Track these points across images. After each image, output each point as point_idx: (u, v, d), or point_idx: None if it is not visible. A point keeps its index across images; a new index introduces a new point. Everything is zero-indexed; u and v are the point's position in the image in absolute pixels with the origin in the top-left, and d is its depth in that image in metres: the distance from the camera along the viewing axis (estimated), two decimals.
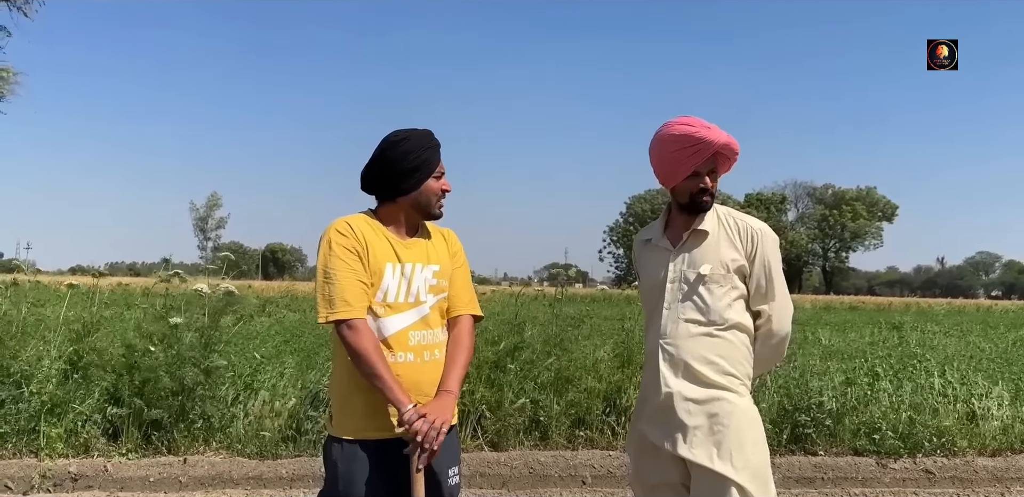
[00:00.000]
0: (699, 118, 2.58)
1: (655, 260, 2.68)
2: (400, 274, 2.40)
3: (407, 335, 2.38)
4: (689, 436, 2.46)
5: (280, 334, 10.46)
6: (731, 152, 2.58)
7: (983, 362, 8.91)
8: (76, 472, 4.76)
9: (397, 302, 2.39)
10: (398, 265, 2.40)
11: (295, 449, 5.05)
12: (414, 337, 2.39)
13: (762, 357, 2.62)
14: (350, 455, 2.34)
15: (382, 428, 2.33)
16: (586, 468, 5.09)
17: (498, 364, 5.48)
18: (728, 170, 2.67)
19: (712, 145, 2.51)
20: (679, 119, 2.59)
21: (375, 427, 2.34)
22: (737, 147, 2.58)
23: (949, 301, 49.76)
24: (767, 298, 2.56)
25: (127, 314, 5.93)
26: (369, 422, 2.34)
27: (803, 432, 5.46)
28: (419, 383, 2.37)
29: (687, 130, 2.52)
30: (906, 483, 5.18)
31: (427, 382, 2.40)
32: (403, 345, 2.37)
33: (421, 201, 2.44)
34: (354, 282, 2.31)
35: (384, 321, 2.36)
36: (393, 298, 2.38)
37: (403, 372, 2.34)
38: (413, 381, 2.35)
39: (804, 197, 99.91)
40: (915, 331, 15.09)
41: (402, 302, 2.39)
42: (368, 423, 2.34)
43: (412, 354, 2.37)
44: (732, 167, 2.66)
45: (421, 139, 2.44)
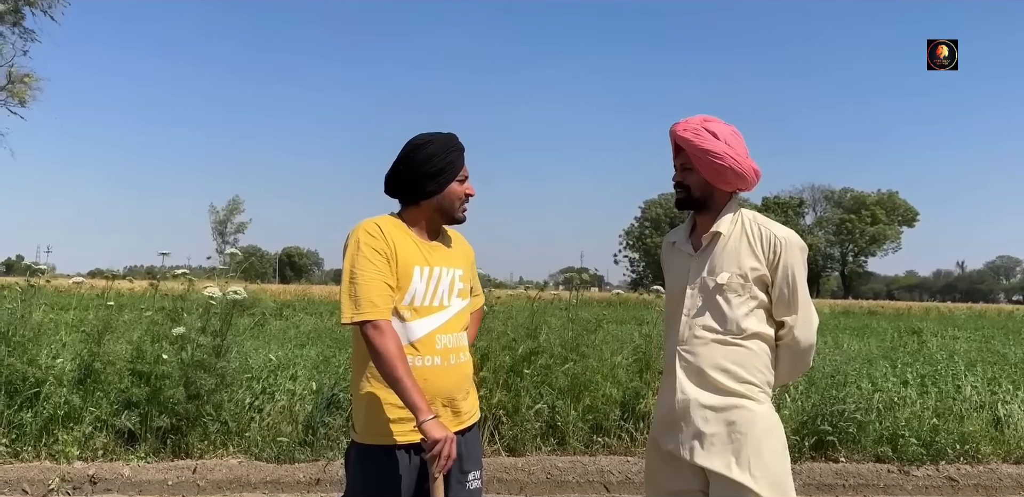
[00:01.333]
0: (705, 115, 2.57)
1: (678, 264, 2.66)
2: (428, 277, 2.39)
3: (434, 338, 2.37)
4: (707, 444, 2.42)
5: (296, 338, 10.51)
6: (683, 142, 2.51)
7: (1006, 368, 8.81)
8: (95, 476, 4.77)
9: (424, 305, 2.37)
10: (425, 268, 2.39)
11: (312, 454, 5.04)
12: (441, 341, 2.38)
13: (785, 368, 2.57)
14: (374, 460, 2.33)
15: (406, 433, 2.32)
16: (605, 474, 5.06)
17: (515, 369, 5.45)
18: (708, 168, 2.51)
19: (671, 134, 2.56)
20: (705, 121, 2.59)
21: (399, 432, 2.32)
22: (683, 135, 2.50)
23: (970, 306, 49.27)
24: (790, 309, 2.50)
25: (140, 317, 5.91)
26: (394, 427, 2.32)
27: (825, 439, 5.40)
28: (446, 387, 2.37)
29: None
30: (929, 491, 5.11)
31: (454, 386, 2.40)
32: (430, 349, 2.35)
33: (445, 205, 2.43)
34: (380, 283, 2.29)
35: (411, 325, 2.34)
36: (420, 301, 2.37)
37: (430, 376, 2.33)
38: (439, 385, 2.35)
39: (822, 201, 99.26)
40: (935, 336, 14.93)
41: (428, 305, 2.38)
42: (393, 428, 2.32)
43: (439, 358, 2.36)
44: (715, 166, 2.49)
45: (445, 142, 2.43)
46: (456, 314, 2.45)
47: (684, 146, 2.52)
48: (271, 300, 18.86)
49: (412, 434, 2.31)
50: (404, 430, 2.31)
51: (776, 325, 2.53)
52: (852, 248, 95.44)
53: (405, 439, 2.32)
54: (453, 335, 2.43)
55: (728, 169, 2.48)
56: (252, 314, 13.88)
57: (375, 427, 2.35)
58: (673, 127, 2.56)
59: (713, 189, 2.56)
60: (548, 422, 5.37)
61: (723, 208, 2.57)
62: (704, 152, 2.48)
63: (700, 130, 2.49)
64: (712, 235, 2.55)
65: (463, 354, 2.46)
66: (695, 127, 2.50)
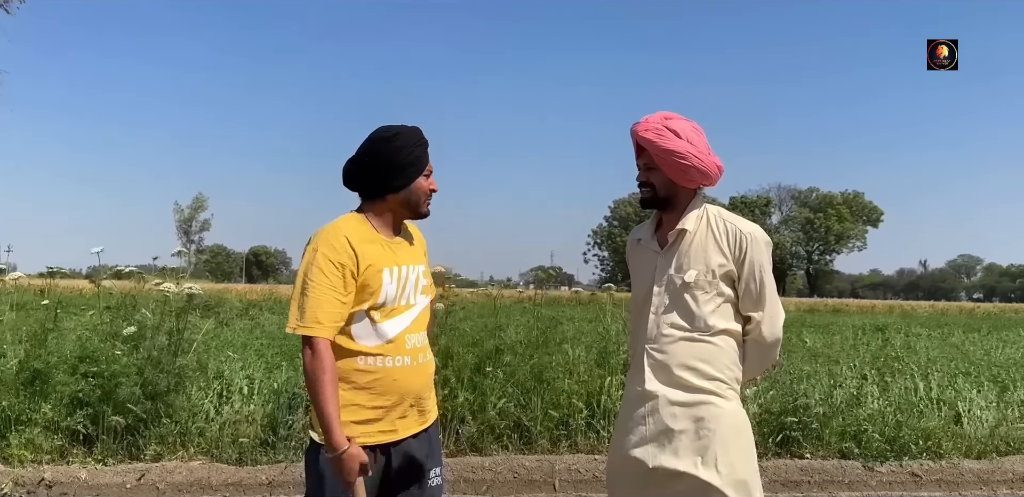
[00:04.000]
0: (665, 112, 2.55)
1: (644, 261, 2.63)
2: (398, 277, 2.34)
3: (404, 339, 2.33)
4: (674, 441, 2.39)
5: (260, 338, 10.37)
6: (646, 142, 2.48)
7: (965, 364, 8.94)
8: (50, 479, 4.65)
9: (395, 306, 2.33)
10: (394, 268, 2.34)
11: (274, 455, 4.95)
12: (410, 340, 2.34)
13: (752, 362, 2.55)
14: None
15: (372, 434, 2.28)
16: (572, 472, 5.02)
17: (479, 368, 5.40)
18: (672, 167, 2.48)
19: (632, 134, 2.53)
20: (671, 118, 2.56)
21: (364, 432, 2.27)
22: (645, 136, 2.47)
23: (932, 304, 50.17)
24: (757, 305, 2.48)
25: (85, 316, 5.75)
26: (357, 428, 2.27)
27: (790, 435, 5.42)
28: (415, 386, 2.35)
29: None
30: (893, 486, 5.14)
31: (422, 385, 2.38)
32: (401, 349, 2.32)
33: (412, 200, 2.36)
34: (331, 299, 2.22)
35: (382, 326, 2.30)
36: (393, 302, 2.32)
37: (400, 376, 2.30)
38: (410, 385, 2.32)
39: (788, 200, 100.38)
40: (899, 334, 15.13)
41: (399, 305, 2.34)
42: (356, 429, 2.27)
43: (409, 358, 2.33)
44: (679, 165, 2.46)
45: (412, 136, 2.36)
46: (421, 312, 2.42)
47: (647, 146, 2.49)
48: (237, 300, 18.62)
49: (377, 435, 2.28)
50: (368, 431, 2.28)
51: (743, 320, 2.52)
52: (818, 247, 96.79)
53: (371, 440, 2.28)
54: (420, 334, 2.41)
55: (692, 168, 2.46)
56: (217, 313, 13.69)
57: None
58: (634, 127, 2.53)
59: (677, 187, 2.53)
60: (514, 421, 5.33)
61: (688, 205, 2.55)
62: (667, 152, 2.45)
63: (662, 130, 2.46)
64: (678, 232, 2.52)
65: (428, 353, 2.44)
66: (656, 127, 2.47)
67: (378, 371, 2.28)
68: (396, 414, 2.31)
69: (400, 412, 2.32)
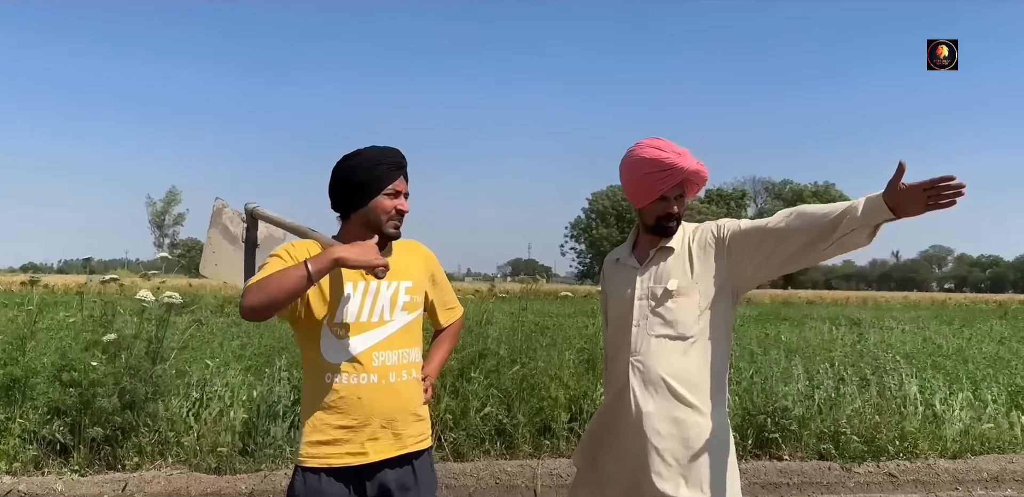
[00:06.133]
0: (670, 142, 2.52)
1: (623, 279, 2.63)
2: (364, 291, 2.31)
3: (371, 356, 2.27)
4: (659, 461, 2.38)
5: (237, 337, 10.24)
6: (700, 179, 2.53)
7: (940, 359, 9.06)
8: (25, 491, 4.58)
9: (359, 321, 2.28)
10: (360, 282, 2.30)
11: (254, 463, 4.91)
12: (378, 358, 2.28)
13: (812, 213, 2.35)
14: (316, 482, 2.23)
15: (335, 455, 2.24)
16: (554, 477, 5.03)
17: (463, 373, 5.39)
18: (695, 194, 2.61)
19: (682, 172, 2.46)
20: (649, 141, 2.52)
21: (327, 453, 2.24)
22: (706, 174, 2.52)
23: (905, 295, 50.84)
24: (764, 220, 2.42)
25: (65, 322, 5.66)
26: (339, 448, 2.24)
27: (768, 437, 5.46)
28: (384, 407, 2.27)
29: (657, 154, 2.46)
30: (870, 487, 5.20)
31: (394, 407, 2.30)
32: (367, 366, 2.26)
33: (372, 218, 2.33)
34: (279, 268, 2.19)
35: (346, 342, 2.25)
36: (354, 317, 2.28)
37: (364, 394, 2.24)
38: (376, 405, 2.25)
39: (763, 193, 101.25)
40: (873, 328, 15.29)
41: (366, 321, 2.29)
42: (319, 449, 2.24)
43: (376, 375, 2.27)
44: (700, 190, 2.61)
45: (373, 155, 2.34)
46: (400, 329, 2.35)
47: (698, 181, 2.53)
48: (212, 296, 18.40)
49: (346, 457, 2.24)
50: (336, 452, 2.24)
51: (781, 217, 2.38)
52: None
53: (339, 462, 2.24)
54: (396, 352, 2.32)
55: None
56: (191, 312, 13.52)
57: (318, 447, 2.25)
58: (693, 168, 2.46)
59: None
60: (496, 426, 5.33)
61: None
62: (704, 179, 2.52)
63: (688, 155, 2.47)
64: (660, 249, 2.55)
65: (407, 372, 2.35)
66: (689, 156, 2.47)
67: (342, 389, 2.24)
68: (364, 435, 2.25)
69: (369, 434, 2.26)
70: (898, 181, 2.07)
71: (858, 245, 2.25)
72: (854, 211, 2.19)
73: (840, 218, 2.21)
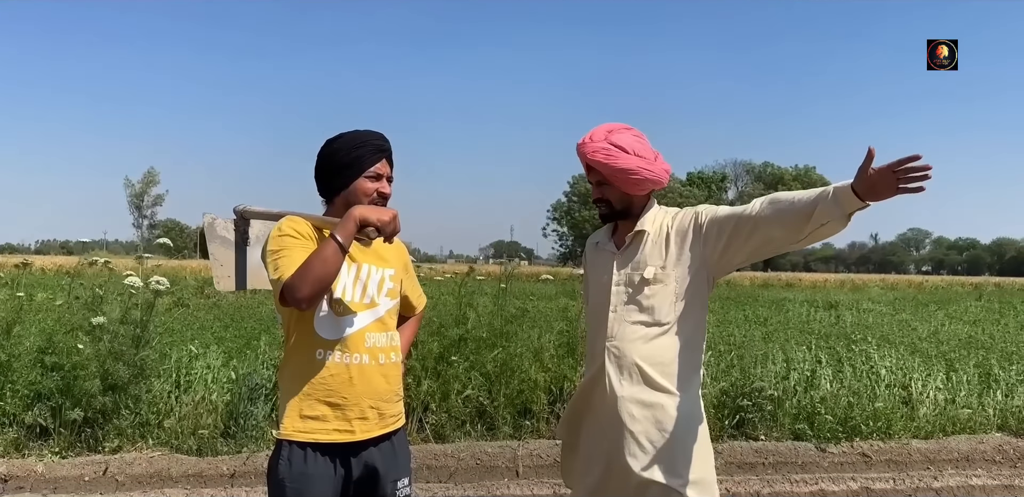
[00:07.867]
0: (610, 123, 2.58)
1: (601, 263, 2.66)
2: (356, 273, 2.33)
3: (364, 336, 2.31)
4: (633, 443, 2.43)
5: (220, 319, 10.24)
6: (596, 164, 2.51)
7: (915, 341, 9.21)
8: (6, 473, 4.58)
9: (352, 302, 2.31)
10: (352, 265, 2.33)
11: (235, 445, 4.93)
12: (370, 338, 2.32)
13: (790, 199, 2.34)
14: (301, 460, 2.24)
15: (323, 430, 2.25)
16: (534, 458, 5.09)
17: (443, 356, 5.42)
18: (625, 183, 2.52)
19: (582, 157, 2.56)
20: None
21: (315, 429, 2.25)
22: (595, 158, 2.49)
23: (883, 278, 51.30)
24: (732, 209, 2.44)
25: (51, 305, 5.62)
26: (325, 423, 2.25)
27: (745, 417, 5.54)
28: (375, 388, 2.31)
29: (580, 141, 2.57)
30: (844, 467, 5.29)
31: (384, 387, 2.34)
32: (359, 346, 2.29)
33: (351, 201, 2.34)
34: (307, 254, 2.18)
35: (340, 320, 2.27)
36: (349, 297, 2.30)
37: (357, 374, 2.27)
38: (368, 385, 2.29)
39: (744, 175, 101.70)
40: (851, 310, 15.48)
41: (358, 301, 2.32)
42: (308, 424, 2.25)
43: (368, 356, 2.30)
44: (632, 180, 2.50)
45: (354, 138, 2.36)
46: (386, 313, 2.40)
47: (599, 168, 2.52)
48: (192, 278, 18.30)
49: (334, 434, 2.25)
50: (324, 428, 2.25)
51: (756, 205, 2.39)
52: None
53: (327, 438, 2.25)
54: (386, 334, 2.37)
55: (645, 180, 2.51)
56: (172, 293, 13.48)
57: (301, 421, 2.26)
58: (581, 149, 2.54)
59: (632, 197, 2.58)
60: (477, 408, 5.37)
61: (643, 208, 2.61)
62: (621, 172, 2.49)
63: (609, 148, 2.48)
64: (636, 234, 2.58)
65: (394, 354, 2.40)
66: (603, 146, 2.48)
67: (334, 367, 2.26)
68: (354, 414, 2.28)
69: (358, 412, 2.28)
70: (867, 167, 2.10)
71: (833, 232, 2.28)
72: (825, 202, 2.20)
73: (811, 209, 2.23)
